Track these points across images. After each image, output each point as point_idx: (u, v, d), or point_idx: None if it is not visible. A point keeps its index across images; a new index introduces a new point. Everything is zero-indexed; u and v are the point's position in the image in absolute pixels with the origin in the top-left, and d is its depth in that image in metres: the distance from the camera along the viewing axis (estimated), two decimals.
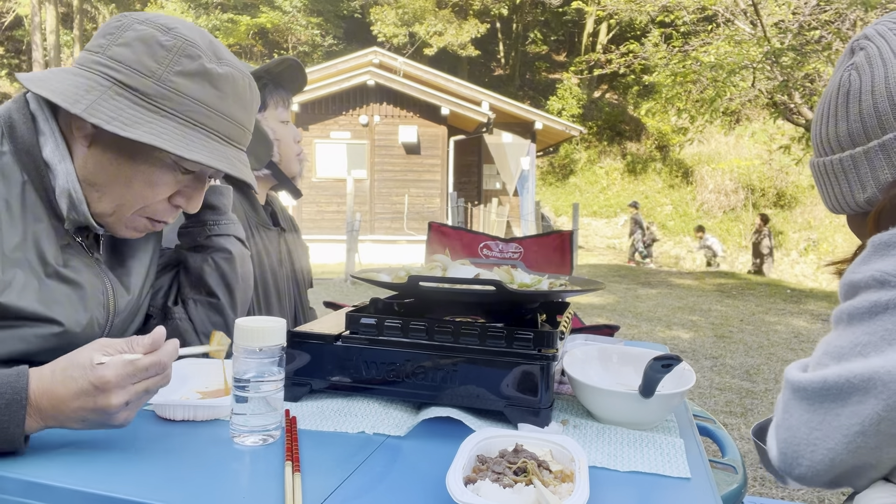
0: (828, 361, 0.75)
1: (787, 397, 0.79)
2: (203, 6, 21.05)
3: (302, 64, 1.52)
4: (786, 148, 10.28)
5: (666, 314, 7.15)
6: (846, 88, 0.85)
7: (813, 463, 0.74)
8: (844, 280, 0.78)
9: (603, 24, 21.46)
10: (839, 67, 0.88)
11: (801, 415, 0.75)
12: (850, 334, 0.74)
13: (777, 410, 0.82)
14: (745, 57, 9.16)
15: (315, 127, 13.70)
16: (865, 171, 0.83)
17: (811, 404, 0.75)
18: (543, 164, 20.34)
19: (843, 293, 0.79)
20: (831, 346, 0.77)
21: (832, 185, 0.89)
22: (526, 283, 1.10)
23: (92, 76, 0.89)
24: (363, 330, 0.94)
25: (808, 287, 11.49)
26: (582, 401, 0.93)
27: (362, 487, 0.68)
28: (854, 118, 0.83)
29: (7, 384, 0.71)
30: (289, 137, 1.54)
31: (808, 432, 0.74)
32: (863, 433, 0.70)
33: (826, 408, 0.73)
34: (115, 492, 0.64)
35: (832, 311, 0.80)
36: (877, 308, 0.71)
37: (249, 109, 1.00)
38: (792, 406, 0.77)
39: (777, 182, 18.32)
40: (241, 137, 1.00)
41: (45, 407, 0.72)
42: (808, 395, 0.75)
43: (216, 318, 1.21)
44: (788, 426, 0.77)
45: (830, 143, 0.88)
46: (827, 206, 0.93)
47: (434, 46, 20.53)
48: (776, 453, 0.78)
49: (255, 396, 0.77)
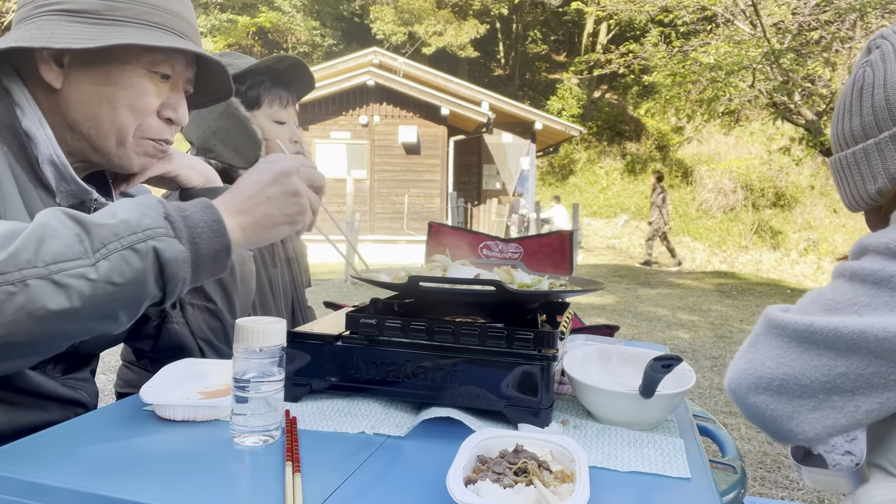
0: (815, 310, 0.76)
1: (757, 332, 0.79)
2: (203, 6, 21.04)
3: (305, 62, 1.49)
4: (785, 149, 10.28)
5: (666, 314, 7.15)
6: (860, 84, 0.87)
7: (775, 410, 0.74)
8: (858, 242, 0.79)
9: (603, 24, 21.46)
10: (856, 66, 0.90)
11: (771, 350, 0.76)
12: (849, 291, 0.74)
13: (742, 346, 0.82)
14: (745, 57, 9.16)
15: (315, 127, 13.70)
16: (876, 161, 0.84)
17: (786, 342, 0.75)
18: (543, 164, 20.33)
19: (852, 252, 0.80)
20: (824, 297, 0.77)
21: (847, 181, 0.91)
22: (526, 283, 1.10)
23: (38, 20, 0.90)
24: (363, 330, 0.94)
25: (808, 287, 11.49)
26: (582, 401, 0.93)
27: (362, 488, 0.68)
28: (867, 111, 0.85)
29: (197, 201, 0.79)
30: (282, 137, 1.50)
31: (775, 367, 0.74)
32: (845, 375, 0.71)
33: (804, 348, 0.73)
34: (115, 492, 0.64)
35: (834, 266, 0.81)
36: (882, 274, 0.72)
37: (185, 4, 1.01)
38: (761, 341, 0.77)
39: (776, 182, 18.32)
40: (191, 33, 1.00)
41: (234, 201, 0.80)
42: (786, 333, 0.75)
43: (214, 322, 1.20)
44: (752, 358, 0.77)
45: (846, 138, 0.90)
46: (845, 204, 0.94)
47: (433, 46, 20.52)
48: (728, 381, 0.79)
49: (256, 397, 0.77)
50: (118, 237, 0.70)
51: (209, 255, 0.76)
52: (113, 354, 3.39)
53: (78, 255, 0.67)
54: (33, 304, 0.65)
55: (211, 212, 0.77)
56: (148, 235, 0.71)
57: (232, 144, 1.41)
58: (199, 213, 0.76)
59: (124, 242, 0.70)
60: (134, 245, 0.70)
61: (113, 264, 0.69)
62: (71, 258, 0.67)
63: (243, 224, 0.80)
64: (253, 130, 1.42)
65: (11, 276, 0.64)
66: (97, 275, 0.68)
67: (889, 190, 0.84)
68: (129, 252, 0.70)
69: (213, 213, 0.77)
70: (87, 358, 1.06)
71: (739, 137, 17.87)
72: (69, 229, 0.69)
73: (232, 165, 1.42)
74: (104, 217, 0.72)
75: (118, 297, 0.70)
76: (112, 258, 0.69)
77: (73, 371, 1.02)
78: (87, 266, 0.67)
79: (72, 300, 0.67)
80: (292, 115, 1.54)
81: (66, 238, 0.68)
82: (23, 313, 0.65)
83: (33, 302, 0.65)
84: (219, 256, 0.77)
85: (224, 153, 1.41)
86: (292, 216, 0.84)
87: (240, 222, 0.80)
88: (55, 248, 0.67)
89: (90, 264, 0.68)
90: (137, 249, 0.70)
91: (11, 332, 0.66)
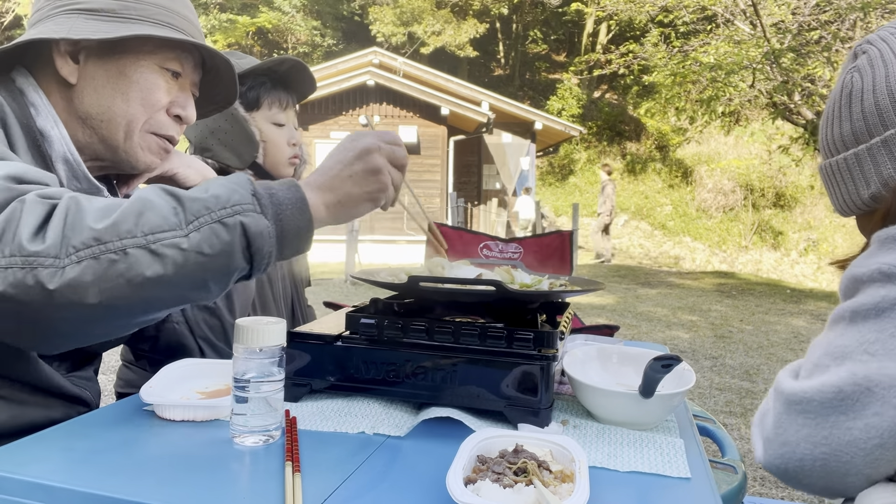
0: (828, 362, 0.71)
1: (779, 410, 0.74)
2: (202, 6, 21.04)
3: (306, 65, 1.49)
4: (785, 148, 10.28)
5: (666, 314, 7.15)
6: (849, 90, 0.86)
7: (828, 483, 0.69)
8: (847, 275, 0.75)
9: (603, 24, 21.46)
10: (843, 71, 0.89)
11: (800, 430, 0.71)
12: (855, 332, 0.70)
13: (766, 420, 0.77)
14: (745, 57, 9.16)
15: (315, 127, 13.70)
16: (869, 167, 0.83)
17: (812, 418, 0.69)
18: (543, 164, 20.33)
19: (844, 289, 0.76)
20: (832, 345, 0.72)
21: (839, 186, 0.89)
22: (526, 283, 1.10)
23: (56, 17, 0.94)
24: (363, 330, 0.94)
25: (808, 287, 11.51)
26: (582, 401, 0.93)
27: (362, 488, 0.68)
28: (857, 117, 0.84)
29: (285, 181, 0.81)
30: (279, 139, 1.50)
31: (812, 448, 0.69)
32: (882, 446, 0.66)
33: (832, 422, 0.68)
34: (115, 492, 0.64)
35: (832, 312, 0.77)
36: (884, 304, 0.68)
37: (192, 9, 1.06)
38: (786, 421, 0.72)
39: (776, 182, 18.32)
40: (199, 36, 1.05)
41: (317, 179, 0.83)
42: (807, 407, 0.70)
43: (213, 321, 1.20)
44: (784, 441, 0.72)
45: (836, 143, 0.89)
46: (836, 209, 0.92)
47: (431, 46, 20.51)
48: (771, 466, 0.74)
49: (256, 397, 0.77)
50: (210, 211, 0.73)
51: (293, 231, 0.79)
52: (113, 354, 3.39)
53: (173, 226, 0.71)
54: (132, 272, 0.69)
55: (295, 190, 0.80)
56: (236, 210, 0.74)
57: (230, 145, 1.41)
58: (285, 192, 0.79)
59: (214, 216, 0.73)
60: (223, 219, 0.73)
61: (203, 236, 0.72)
62: (167, 229, 0.71)
63: (327, 202, 0.83)
64: (251, 132, 1.42)
65: (113, 244, 0.69)
66: (189, 245, 0.71)
67: (883, 196, 0.83)
68: (219, 225, 0.73)
69: (297, 191, 0.80)
70: (92, 357, 1.07)
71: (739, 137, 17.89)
72: (167, 202, 0.73)
73: (229, 166, 1.42)
74: (198, 192, 0.75)
75: (208, 267, 0.73)
76: (203, 230, 0.72)
77: (77, 369, 1.02)
78: (181, 237, 0.71)
79: (166, 268, 0.70)
80: (292, 118, 1.54)
81: (163, 210, 0.72)
82: (122, 280, 0.69)
83: (132, 269, 0.69)
84: (302, 233, 0.80)
85: (221, 153, 1.42)
86: (373, 193, 0.86)
87: (323, 200, 0.83)
88: (153, 220, 0.71)
89: (183, 235, 0.71)
90: (226, 223, 0.73)
91: (112, 297, 0.69)
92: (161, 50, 0.98)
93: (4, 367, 0.87)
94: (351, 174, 0.84)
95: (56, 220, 0.69)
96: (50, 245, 0.67)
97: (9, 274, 0.66)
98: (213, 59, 1.06)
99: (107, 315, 0.71)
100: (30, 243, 0.67)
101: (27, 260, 0.66)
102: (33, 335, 0.73)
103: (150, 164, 1.05)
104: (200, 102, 1.11)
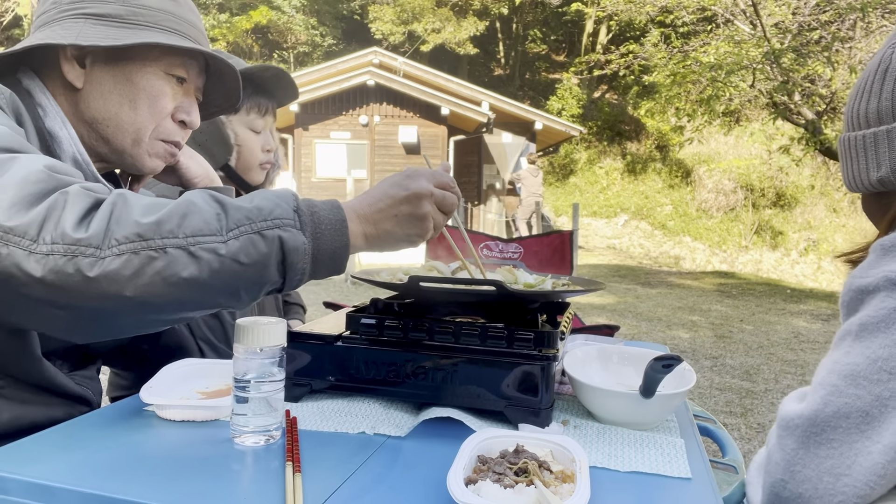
0: (838, 382, 0.66)
1: (791, 447, 0.68)
2: (202, 6, 21.04)
3: (289, 74, 1.50)
4: (785, 149, 10.28)
5: (666, 314, 7.15)
6: (886, 65, 0.82)
7: None
8: (850, 287, 0.71)
9: (603, 24, 21.46)
10: (885, 44, 0.85)
11: (821, 462, 0.65)
12: (865, 349, 0.66)
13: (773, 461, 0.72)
14: (745, 57, 9.16)
15: (315, 127, 13.69)
16: (884, 150, 0.81)
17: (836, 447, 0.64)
18: (543, 164, 20.33)
19: (848, 301, 0.72)
20: (840, 365, 0.68)
21: (852, 161, 0.87)
22: (530, 282, 1.10)
23: (63, 22, 0.94)
24: (363, 330, 0.94)
25: (809, 287, 11.51)
26: (582, 401, 0.93)
27: (363, 488, 0.68)
28: (886, 96, 0.81)
29: (327, 201, 0.82)
30: (254, 145, 1.51)
31: (834, 480, 0.64)
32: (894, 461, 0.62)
33: (858, 449, 0.63)
34: (115, 492, 0.64)
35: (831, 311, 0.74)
36: (894, 314, 0.64)
37: (198, 15, 1.07)
38: (803, 457, 0.67)
39: (776, 182, 18.32)
40: (204, 42, 1.06)
41: (363, 208, 0.83)
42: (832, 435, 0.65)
43: (213, 322, 1.20)
44: (804, 479, 0.66)
45: (860, 118, 0.86)
46: (845, 184, 0.90)
47: (431, 44, 20.50)
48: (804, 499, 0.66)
49: (256, 397, 0.77)
50: (251, 221, 0.74)
51: (328, 251, 0.79)
52: None
53: (214, 231, 0.72)
54: (169, 271, 0.70)
55: (337, 212, 0.81)
56: (276, 224, 0.75)
57: (204, 144, 1.41)
58: (327, 212, 0.80)
59: (255, 227, 0.74)
60: (262, 231, 0.74)
61: (241, 245, 0.73)
62: (208, 233, 0.72)
63: (367, 233, 0.84)
64: (226, 134, 1.42)
65: (154, 242, 0.70)
66: (227, 251, 0.72)
67: (891, 181, 0.81)
68: (257, 236, 0.74)
69: (339, 213, 0.81)
70: (94, 356, 1.07)
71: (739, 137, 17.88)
72: (211, 207, 0.74)
73: None
74: (243, 201, 0.77)
75: (242, 275, 0.74)
76: (242, 239, 0.73)
77: (80, 368, 1.02)
78: (220, 242, 0.72)
79: (202, 271, 0.71)
80: (270, 125, 1.55)
81: (207, 215, 0.73)
82: (159, 277, 0.70)
83: (169, 268, 0.70)
84: (337, 255, 0.80)
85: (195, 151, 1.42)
86: (412, 237, 0.87)
87: (364, 230, 0.84)
88: (196, 223, 0.72)
89: (222, 241, 0.72)
90: (265, 235, 0.74)
91: (147, 293, 0.70)
92: (167, 56, 0.99)
93: (6, 365, 0.87)
94: (396, 213, 0.84)
95: (102, 212, 0.70)
96: (93, 234, 0.68)
97: (49, 260, 0.67)
98: (218, 64, 1.07)
99: (140, 309, 0.72)
100: (74, 231, 0.68)
101: (69, 248, 0.67)
102: (66, 323, 0.74)
103: (156, 169, 1.06)
104: (203, 106, 1.12)
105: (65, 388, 0.95)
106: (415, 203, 0.85)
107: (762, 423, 3.58)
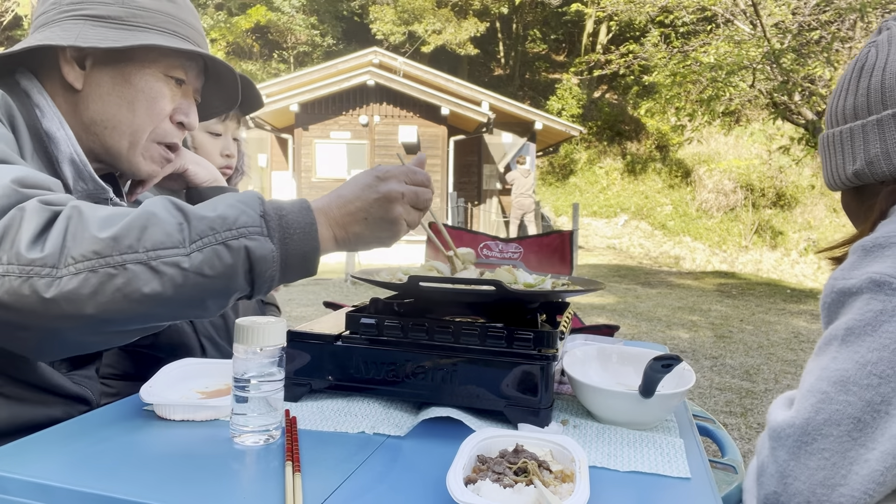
0: (828, 388, 0.65)
1: (783, 457, 0.67)
2: (201, 6, 21.03)
3: (252, 81, 1.49)
4: (785, 148, 10.28)
5: (666, 314, 7.15)
6: (861, 63, 0.84)
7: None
8: (832, 289, 0.70)
9: (602, 24, 21.46)
10: (865, 44, 0.88)
11: (813, 475, 0.64)
12: (853, 354, 0.65)
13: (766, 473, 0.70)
14: (745, 57, 9.17)
15: (315, 127, 13.70)
16: (859, 143, 0.82)
17: (828, 457, 0.63)
18: (543, 164, 20.33)
19: (830, 303, 0.70)
20: (829, 370, 0.66)
21: (830, 158, 0.88)
22: (529, 282, 1.10)
23: (62, 23, 0.94)
24: (363, 330, 0.94)
25: (808, 287, 11.50)
26: (582, 401, 0.93)
27: (363, 487, 0.68)
28: (862, 92, 0.83)
29: (296, 202, 0.80)
30: (212, 149, 1.50)
31: (828, 492, 0.63)
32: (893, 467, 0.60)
33: (852, 457, 0.62)
34: (115, 492, 0.64)
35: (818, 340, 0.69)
36: (881, 316, 0.63)
37: (197, 17, 1.07)
38: (794, 469, 0.65)
39: (776, 182, 18.32)
40: (203, 44, 1.06)
41: (332, 210, 0.82)
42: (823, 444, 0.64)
43: (217, 320, 1.20)
44: (795, 492, 0.65)
45: (838, 115, 0.87)
46: (825, 182, 0.91)
47: (431, 44, 20.50)
48: None
49: (256, 396, 0.77)
50: (215, 231, 0.72)
51: (298, 255, 0.78)
52: None
53: (176, 244, 0.70)
54: (129, 287, 0.68)
55: (307, 214, 0.79)
56: (241, 233, 0.73)
57: None
58: (295, 214, 0.78)
59: (219, 237, 0.72)
60: (227, 241, 0.72)
61: (206, 257, 0.71)
62: (169, 246, 0.70)
63: (337, 236, 0.83)
64: None
65: (113, 259, 0.68)
66: (190, 264, 0.70)
67: (865, 174, 0.81)
68: (222, 247, 0.72)
69: (308, 215, 0.79)
70: (93, 356, 1.07)
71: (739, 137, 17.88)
72: (173, 217, 0.72)
73: None
74: (206, 210, 0.74)
75: (207, 287, 0.72)
76: (206, 251, 0.71)
77: (79, 367, 1.02)
78: (182, 256, 0.70)
79: (164, 286, 0.70)
80: (231, 129, 1.54)
81: (168, 226, 0.71)
82: (119, 294, 0.68)
83: (129, 285, 0.68)
84: (307, 258, 0.79)
85: None
86: (383, 239, 0.86)
87: (334, 233, 0.82)
88: (156, 236, 0.70)
89: (185, 254, 0.70)
90: (230, 245, 0.72)
91: (108, 311, 0.69)
92: (166, 58, 0.99)
93: (5, 365, 0.87)
94: (367, 216, 0.83)
95: (57, 228, 0.68)
96: (48, 254, 0.66)
97: (5, 282, 0.65)
98: (216, 66, 1.07)
99: (104, 326, 0.71)
100: (28, 251, 0.66)
101: (24, 269, 0.66)
102: (29, 343, 0.73)
103: (151, 173, 1.06)
104: (201, 108, 1.12)
105: (63, 388, 0.95)
106: (385, 206, 0.83)
107: (762, 423, 3.58)
